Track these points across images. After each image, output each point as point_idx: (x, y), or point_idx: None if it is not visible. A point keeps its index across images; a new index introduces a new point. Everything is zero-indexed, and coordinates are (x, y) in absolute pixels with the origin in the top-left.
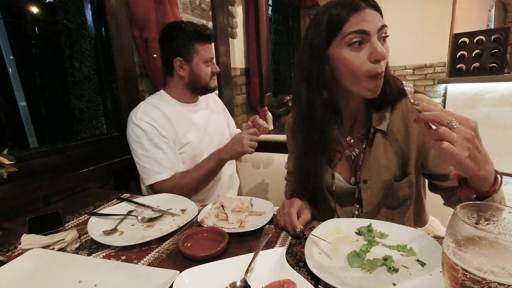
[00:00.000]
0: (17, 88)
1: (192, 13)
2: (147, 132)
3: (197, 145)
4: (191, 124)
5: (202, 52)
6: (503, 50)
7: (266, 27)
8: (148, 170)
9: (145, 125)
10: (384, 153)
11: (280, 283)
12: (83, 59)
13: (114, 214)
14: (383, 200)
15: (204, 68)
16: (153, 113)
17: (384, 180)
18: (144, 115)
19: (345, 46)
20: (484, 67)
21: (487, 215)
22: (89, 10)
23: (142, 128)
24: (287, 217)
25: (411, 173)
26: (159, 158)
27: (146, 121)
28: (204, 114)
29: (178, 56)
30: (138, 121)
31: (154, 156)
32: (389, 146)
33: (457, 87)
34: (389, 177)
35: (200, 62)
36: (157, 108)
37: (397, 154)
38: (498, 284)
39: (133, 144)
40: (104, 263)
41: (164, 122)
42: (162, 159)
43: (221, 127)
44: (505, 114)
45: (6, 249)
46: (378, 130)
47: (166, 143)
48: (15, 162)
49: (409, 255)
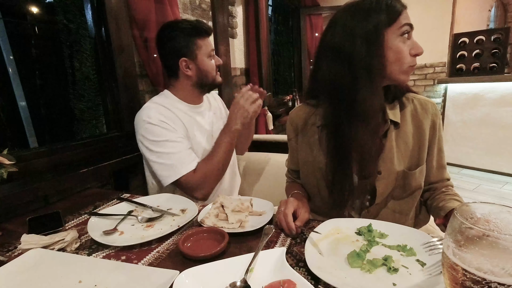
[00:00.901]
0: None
1: (192, 13)
2: (165, 129)
3: (204, 147)
4: (198, 126)
5: (204, 46)
6: (503, 50)
7: (266, 27)
8: (171, 166)
9: (161, 123)
10: (397, 144)
11: (280, 283)
12: (83, 59)
13: (114, 214)
14: (393, 191)
15: (209, 62)
16: (164, 111)
17: (397, 171)
18: (157, 114)
19: (399, 35)
20: (484, 67)
21: (487, 215)
22: (89, 10)
23: (160, 125)
24: (282, 216)
25: (423, 164)
26: (181, 151)
27: (161, 120)
28: (208, 115)
29: (182, 57)
30: (153, 120)
31: (174, 151)
32: (400, 138)
33: (457, 87)
34: (401, 168)
35: (204, 57)
36: (166, 108)
37: (409, 146)
38: (498, 284)
39: (147, 144)
40: (104, 263)
41: (175, 121)
42: (184, 152)
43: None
44: (505, 114)
45: (6, 249)
46: (393, 122)
47: (183, 137)
48: (15, 162)
49: (409, 255)
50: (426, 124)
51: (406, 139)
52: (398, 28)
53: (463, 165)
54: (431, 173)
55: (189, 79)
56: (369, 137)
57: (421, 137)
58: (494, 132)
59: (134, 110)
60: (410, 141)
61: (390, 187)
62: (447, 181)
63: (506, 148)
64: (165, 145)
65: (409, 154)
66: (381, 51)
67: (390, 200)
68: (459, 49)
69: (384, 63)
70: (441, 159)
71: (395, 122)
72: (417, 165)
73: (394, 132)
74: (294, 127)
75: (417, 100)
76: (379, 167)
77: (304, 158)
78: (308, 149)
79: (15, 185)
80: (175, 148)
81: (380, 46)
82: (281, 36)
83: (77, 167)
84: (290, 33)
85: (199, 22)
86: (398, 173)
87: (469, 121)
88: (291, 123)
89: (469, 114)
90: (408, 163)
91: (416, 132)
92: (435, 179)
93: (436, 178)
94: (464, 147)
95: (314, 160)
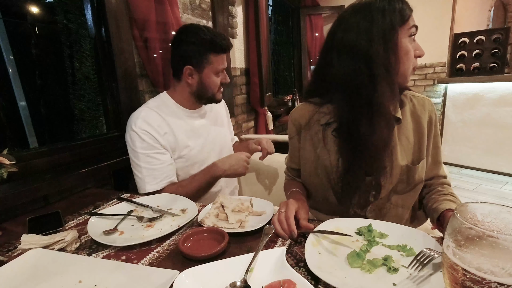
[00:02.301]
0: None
1: (192, 13)
2: (144, 141)
3: (198, 154)
4: (192, 131)
5: (216, 63)
6: (503, 50)
7: (266, 27)
8: (140, 180)
9: (143, 134)
10: (399, 140)
11: (280, 283)
12: (83, 59)
13: (114, 214)
14: (396, 186)
15: (214, 79)
16: (154, 120)
17: (401, 165)
18: (143, 123)
19: (407, 36)
20: (484, 67)
21: (487, 215)
22: (89, 10)
23: (140, 136)
24: (284, 219)
25: (424, 157)
26: (152, 169)
27: (145, 130)
28: (206, 121)
29: (189, 64)
30: (137, 129)
31: (146, 166)
32: (402, 133)
33: (457, 87)
34: (404, 163)
35: (212, 73)
36: (158, 115)
37: (410, 141)
38: (498, 284)
39: (129, 150)
40: (104, 263)
41: (164, 131)
42: (155, 170)
43: (223, 134)
44: (505, 114)
45: (6, 249)
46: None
47: (162, 153)
48: (15, 162)
49: (409, 255)
50: (424, 119)
51: (408, 135)
52: (408, 29)
53: (463, 165)
54: (426, 169)
55: (189, 87)
56: (388, 132)
57: (420, 132)
58: (494, 132)
59: (134, 110)
60: (411, 136)
61: (394, 181)
62: (444, 178)
63: (506, 148)
64: (140, 158)
65: (411, 149)
66: (397, 49)
67: (393, 194)
68: (459, 49)
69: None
70: (436, 155)
71: (397, 118)
72: (419, 159)
73: (396, 128)
74: (297, 125)
75: (414, 98)
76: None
77: (307, 156)
78: (311, 147)
79: (15, 185)
80: (148, 164)
81: (396, 44)
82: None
83: (77, 167)
84: (290, 33)
85: (220, 37)
86: (402, 168)
87: (469, 121)
88: (293, 121)
89: (469, 114)
90: (411, 157)
91: (416, 128)
92: (430, 175)
93: (431, 173)
94: (464, 147)
95: (318, 158)
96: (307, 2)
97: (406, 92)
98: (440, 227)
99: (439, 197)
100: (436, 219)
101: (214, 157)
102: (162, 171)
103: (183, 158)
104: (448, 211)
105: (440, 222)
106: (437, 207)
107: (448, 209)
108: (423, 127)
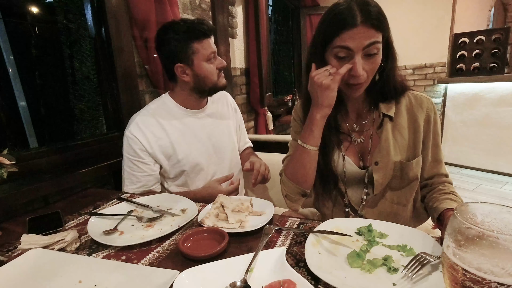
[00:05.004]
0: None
1: (192, 13)
2: (130, 147)
3: (196, 158)
4: (192, 135)
5: (202, 50)
6: (503, 50)
7: (266, 27)
8: (123, 179)
9: (132, 140)
10: (393, 136)
11: (280, 283)
12: (83, 59)
13: (114, 214)
14: (390, 182)
15: (208, 66)
16: (149, 126)
17: (394, 161)
18: (136, 129)
19: (333, 55)
20: (484, 67)
21: (487, 215)
22: (89, 10)
23: (129, 142)
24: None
25: (419, 155)
26: (132, 174)
27: (135, 136)
28: (209, 122)
29: (177, 62)
30: (128, 133)
31: (127, 170)
32: (396, 130)
33: (457, 87)
34: (398, 159)
35: (202, 61)
36: (155, 120)
37: (405, 138)
38: (498, 284)
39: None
40: (104, 263)
41: (158, 137)
42: (134, 176)
43: (226, 140)
44: (505, 114)
45: (6, 249)
46: (386, 115)
47: (144, 163)
48: (15, 162)
49: (409, 255)
50: (421, 118)
51: (402, 131)
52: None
53: (463, 165)
54: (426, 167)
55: (187, 84)
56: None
57: (415, 130)
58: (494, 132)
59: (134, 110)
60: (405, 133)
61: (388, 177)
62: (445, 177)
63: (506, 148)
64: (124, 160)
65: (406, 146)
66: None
67: (388, 190)
68: (459, 49)
69: None
70: (436, 154)
71: (389, 116)
72: (413, 156)
73: (390, 124)
74: (301, 116)
75: (412, 95)
76: (375, 158)
77: None
78: None
79: (15, 185)
80: (130, 168)
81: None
82: (281, 36)
83: (77, 167)
84: (290, 33)
85: (198, 23)
86: (395, 164)
87: (469, 121)
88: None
89: (469, 114)
90: (405, 154)
91: (411, 125)
92: (431, 173)
93: (431, 172)
94: (464, 147)
95: None
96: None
97: (408, 92)
98: (440, 227)
99: (440, 196)
100: (436, 219)
101: (213, 162)
102: (140, 179)
103: (181, 162)
104: (448, 211)
105: (440, 221)
106: (437, 206)
107: (448, 208)
108: (419, 125)
